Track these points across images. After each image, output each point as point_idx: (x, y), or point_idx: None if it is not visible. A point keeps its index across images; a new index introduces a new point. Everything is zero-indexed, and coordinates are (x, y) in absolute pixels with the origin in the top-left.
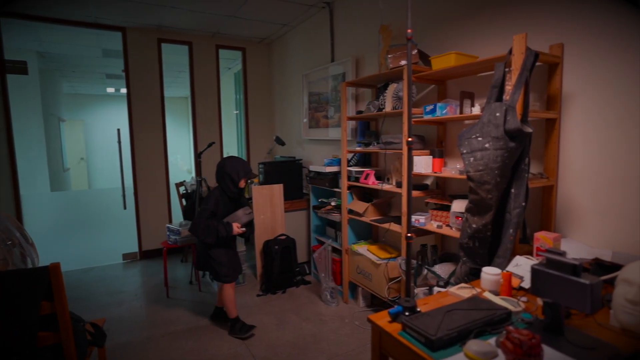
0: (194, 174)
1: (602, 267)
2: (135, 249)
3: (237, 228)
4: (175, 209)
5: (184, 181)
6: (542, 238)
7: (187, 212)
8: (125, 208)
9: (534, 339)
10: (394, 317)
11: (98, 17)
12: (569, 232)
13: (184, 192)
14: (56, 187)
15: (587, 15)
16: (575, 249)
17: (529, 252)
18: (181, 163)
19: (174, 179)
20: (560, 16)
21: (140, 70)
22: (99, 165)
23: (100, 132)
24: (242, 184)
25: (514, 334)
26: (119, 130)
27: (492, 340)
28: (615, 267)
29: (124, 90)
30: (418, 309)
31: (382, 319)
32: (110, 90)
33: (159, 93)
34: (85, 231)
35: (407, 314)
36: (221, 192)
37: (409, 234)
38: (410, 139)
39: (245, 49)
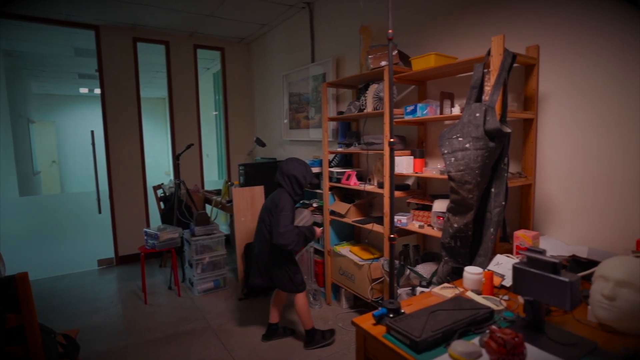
0: (172, 177)
1: (579, 264)
2: (112, 254)
3: (319, 231)
4: (153, 213)
5: (162, 184)
6: (522, 236)
7: (165, 216)
8: (100, 212)
9: (517, 338)
10: (378, 320)
11: (69, 14)
12: (547, 230)
13: (162, 195)
14: (25, 192)
15: (562, 17)
16: (552, 246)
17: (509, 251)
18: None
19: (151, 181)
20: (535, 18)
21: (115, 70)
22: (72, 169)
23: (73, 134)
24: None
25: (498, 333)
26: (92, 132)
27: (476, 340)
28: (591, 263)
29: (98, 91)
30: (402, 311)
31: (366, 321)
32: (84, 90)
33: (134, 93)
34: (57, 237)
35: (391, 315)
36: (289, 195)
37: (392, 235)
38: (392, 140)
39: (224, 49)
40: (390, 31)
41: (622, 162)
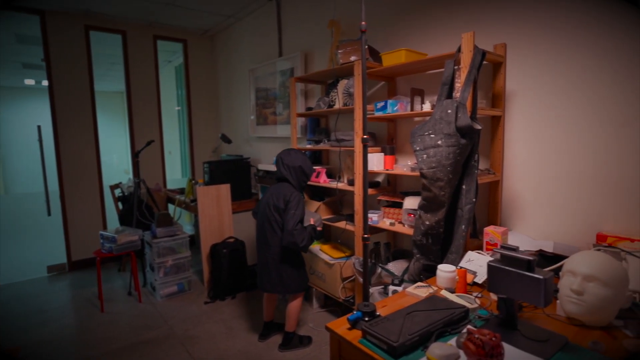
0: (131, 175)
1: (545, 258)
2: (63, 259)
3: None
4: (110, 214)
5: (120, 183)
6: (491, 232)
7: (123, 217)
8: (49, 215)
9: (495, 338)
10: (353, 324)
11: None
12: (513, 225)
13: (120, 195)
14: None
15: (527, 17)
16: (520, 242)
17: (478, 247)
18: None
19: (109, 180)
20: (503, 17)
21: (64, 61)
22: (17, 167)
23: (17, 130)
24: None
25: (476, 334)
26: (39, 127)
27: (453, 341)
28: (557, 257)
29: (46, 83)
30: (377, 313)
31: (340, 326)
32: (30, 82)
33: (88, 86)
34: (0, 242)
35: (366, 319)
36: (296, 189)
37: (365, 235)
38: (365, 137)
39: (186, 40)
40: (363, 23)
41: (583, 158)
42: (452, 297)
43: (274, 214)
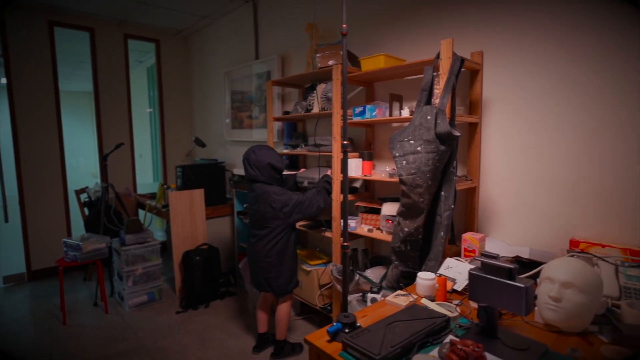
0: (99, 179)
1: (522, 264)
2: (22, 269)
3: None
4: (75, 221)
5: (87, 187)
6: (469, 239)
7: (90, 223)
8: (7, 221)
9: (478, 349)
10: (333, 336)
11: None
12: (490, 231)
13: (87, 200)
14: None
15: (504, 26)
16: (496, 248)
17: (456, 253)
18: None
19: (74, 184)
20: (480, 25)
21: (25, 58)
22: None
23: None
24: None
25: (459, 345)
26: None
27: (435, 352)
28: (533, 263)
29: (4, 81)
30: (358, 324)
31: (319, 338)
32: None
33: (52, 85)
34: None
35: (347, 331)
36: (271, 185)
37: (345, 244)
38: (346, 142)
39: (159, 40)
40: (344, 25)
41: (556, 165)
42: (433, 305)
43: (277, 225)
